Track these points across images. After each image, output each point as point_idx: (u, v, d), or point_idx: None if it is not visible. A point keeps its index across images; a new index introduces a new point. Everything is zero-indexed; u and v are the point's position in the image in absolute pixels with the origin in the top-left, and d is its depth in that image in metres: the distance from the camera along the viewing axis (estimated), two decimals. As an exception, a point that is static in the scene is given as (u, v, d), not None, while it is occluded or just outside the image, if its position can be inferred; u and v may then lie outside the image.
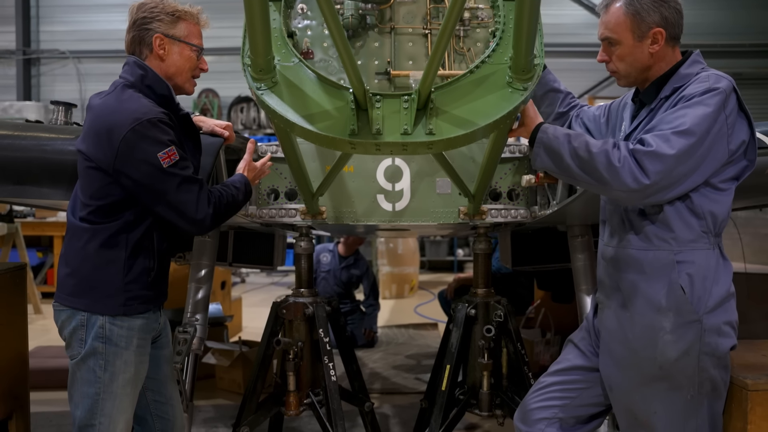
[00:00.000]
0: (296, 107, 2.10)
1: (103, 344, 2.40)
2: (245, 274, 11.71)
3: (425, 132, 2.07)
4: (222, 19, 12.11)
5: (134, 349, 2.46)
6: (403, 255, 9.93)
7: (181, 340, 3.36)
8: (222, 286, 6.90)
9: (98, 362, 2.40)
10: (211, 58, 12.88)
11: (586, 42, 12.17)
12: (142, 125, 2.30)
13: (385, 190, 3.42)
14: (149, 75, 2.47)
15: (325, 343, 3.44)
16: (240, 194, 2.61)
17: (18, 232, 8.06)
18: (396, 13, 3.59)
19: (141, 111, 2.34)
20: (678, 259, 2.26)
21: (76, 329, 2.42)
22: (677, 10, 2.32)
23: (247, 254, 4.61)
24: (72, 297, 2.43)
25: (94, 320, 2.40)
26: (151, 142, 2.31)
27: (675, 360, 2.26)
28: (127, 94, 2.42)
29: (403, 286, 9.97)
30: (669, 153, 2.11)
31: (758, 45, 12.69)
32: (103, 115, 2.39)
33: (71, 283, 2.44)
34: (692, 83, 2.24)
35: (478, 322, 3.52)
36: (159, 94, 2.48)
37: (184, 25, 2.56)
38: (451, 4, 1.81)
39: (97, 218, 2.41)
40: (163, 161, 2.31)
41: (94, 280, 2.41)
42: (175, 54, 2.54)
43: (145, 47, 2.50)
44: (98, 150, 2.36)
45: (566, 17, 12.63)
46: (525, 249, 4.54)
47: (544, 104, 3.00)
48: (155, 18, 2.49)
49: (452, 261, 12.45)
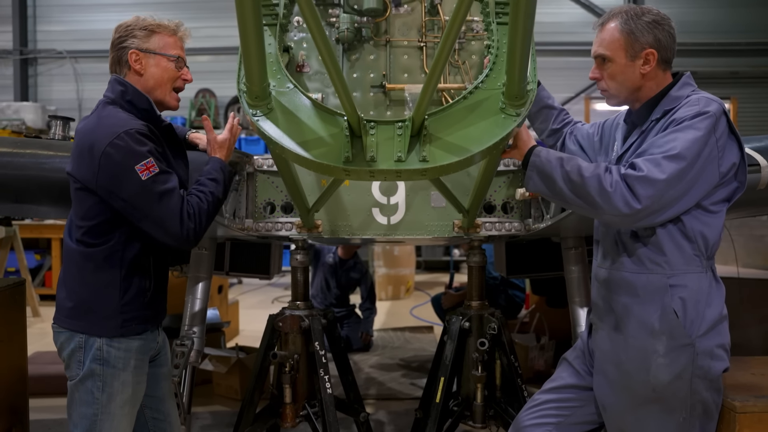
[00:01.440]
0: (291, 133, 2.12)
1: (100, 366, 2.42)
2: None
3: (419, 159, 2.09)
4: (218, 19, 12.28)
5: (131, 370, 2.48)
6: (399, 256, 9.96)
7: (178, 353, 3.38)
8: (219, 290, 6.92)
9: (96, 384, 2.43)
10: (207, 57, 12.99)
11: (584, 41, 12.17)
12: (119, 138, 2.31)
13: (381, 203, 3.45)
14: (129, 90, 2.49)
15: (321, 356, 3.46)
16: (220, 187, 2.57)
17: (16, 235, 8.07)
18: (391, 26, 3.61)
19: (118, 125, 2.35)
20: (671, 283, 2.29)
21: (74, 351, 2.44)
22: (671, 35, 2.36)
23: (244, 263, 4.64)
24: (70, 319, 2.45)
25: (92, 342, 2.42)
26: (128, 154, 2.31)
27: (668, 383, 2.29)
28: (107, 110, 2.45)
29: (399, 288, 10.00)
30: (660, 178, 2.14)
31: (756, 43, 12.72)
32: (85, 134, 2.41)
33: (69, 305, 2.46)
34: (683, 106, 2.27)
35: (472, 335, 3.55)
36: (140, 109, 2.50)
37: (158, 37, 2.55)
38: (446, 32, 1.82)
39: (90, 239, 2.43)
40: (141, 173, 2.30)
41: (91, 303, 2.43)
42: (152, 66, 2.53)
43: (123, 65, 2.53)
44: (82, 169, 2.39)
45: (564, 15, 12.65)
46: (519, 258, 4.57)
47: (538, 120, 3.03)
48: (129, 35, 2.52)
49: (448, 261, 12.46)
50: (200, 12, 12.54)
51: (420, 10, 3.60)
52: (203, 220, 2.45)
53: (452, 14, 1.68)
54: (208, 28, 12.49)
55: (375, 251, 10.08)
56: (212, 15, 12.49)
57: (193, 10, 12.49)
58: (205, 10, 12.51)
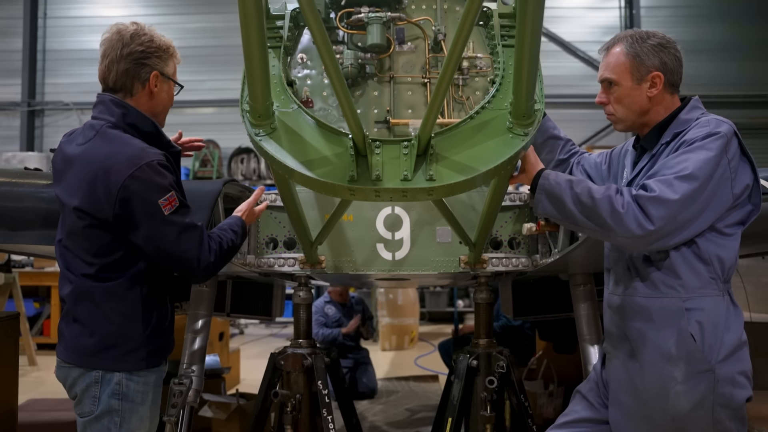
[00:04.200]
0: (295, 153, 2.08)
1: (119, 401, 2.31)
2: (244, 326, 11.58)
3: (425, 178, 2.05)
4: (222, 71, 12.45)
5: (149, 404, 2.39)
6: (402, 306, 9.82)
7: (176, 392, 3.27)
8: (220, 337, 6.81)
9: (113, 420, 2.31)
10: (212, 109, 13.14)
11: (584, 93, 12.35)
12: (141, 170, 2.21)
13: (385, 239, 3.39)
14: (131, 113, 2.35)
15: (324, 396, 3.35)
16: (238, 239, 2.56)
17: (15, 282, 7.99)
18: (395, 63, 3.62)
19: (137, 155, 2.24)
20: (687, 306, 2.21)
21: (89, 386, 2.32)
22: (677, 58, 2.33)
23: (246, 305, 4.54)
24: (89, 357, 2.32)
25: (110, 377, 2.31)
26: (151, 189, 2.22)
27: (688, 411, 2.19)
28: (115, 135, 2.30)
29: (403, 338, 9.83)
30: (673, 198, 2.09)
31: (753, 96, 12.91)
32: (94, 162, 2.26)
33: (88, 342, 2.32)
34: (693, 128, 2.23)
35: (480, 374, 3.44)
36: (144, 132, 2.37)
37: (173, 62, 2.49)
38: (451, 50, 1.81)
39: (106, 274, 2.31)
40: (164, 208, 2.23)
41: (115, 338, 2.32)
42: (164, 92, 2.46)
43: (137, 82, 2.39)
44: (94, 201, 2.25)
45: (564, 69, 12.83)
46: (527, 299, 4.48)
47: (545, 151, 2.99)
48: (153, 53, 2.39)
49: (452, 312, 12.32)
50: (205, 65, 12.72)
51: (423, 48, 3.63)
52: (221, 257, 2.42)
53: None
54: (213, 81, 12.70)
55: (379, 301, 9.96)
56: (217, 68, 12.67)
57: (198, 63, 12.67)
58: (209, 64, 12.69)
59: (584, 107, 12.27)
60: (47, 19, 13.69)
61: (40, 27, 13.69)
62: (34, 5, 13.58)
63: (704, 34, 12.85)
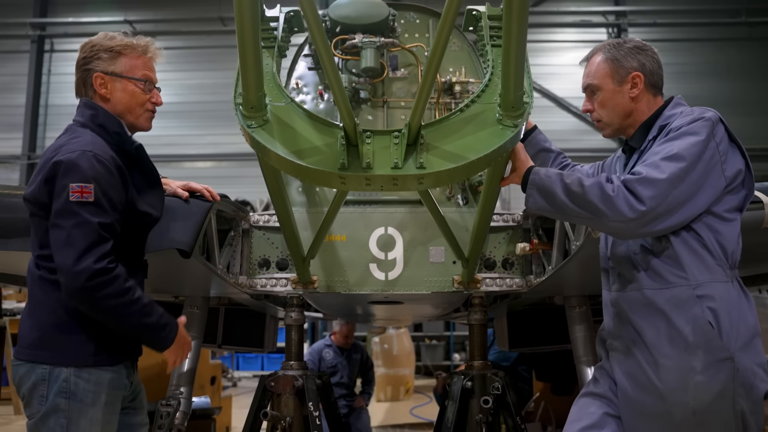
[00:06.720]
0: (286, 144, 2.10)
1: (66, 400, 2.14)
2: (237, 379, 11.39)
3: (416, 166, 2.06)
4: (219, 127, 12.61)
5: (102, 406, 2.19)
6: (398, 356, 9.69)
7: (163, 414, 3.20)
8: (212, 381, 6.68)
9: (59, 421, 2.13)
10: (211, 163, 13.27)
11: (578, 147, 12.55)
12: (73, 154, 2.14)
13: (378, 258, 3.37)
14: (100, 114, 2.32)
15: (315, 418, 3.27)
16: (152, 320, 2.21)
17: (6, 330, 7.86)
18: (388, 88, 3.70)
19: (79, 145, 2.18)
20: (698, 294, 2.16)
21: (36, 384, 2.16)
22: (655, 60, 2.40)
23: (237, 336, 4.49)
24: (33, 350, 2.18)
25: (57, 373, 2.15)
26: (71, 171, 2.12)
27: (709, 403, 2.11)
28: (78, 132, 2.27)
29: (398, 389, 9.66)
30: (660, 177, 2.09)
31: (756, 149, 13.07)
32: (47, 153, 2.23)
33: (34, 335, 2.19)
34: (678, 118, 2.26)
35: (475, 395, 3.37)
36: (112, 132, 2.31)
37: (125, 59, 2.37)
38: (438, 33, 1.85)
39: (49, 264, 2.18)
40: (72, 193, 2.10)
41: (60, 330, 2.18)
42: (119, 91, 2.35)
43: (88, 88, 2.34)
44: (35, 187, 2.20)
45: (557, 124, 13.08)
46: (522, 330, 4.43)
47: (536, 164, 3.01)
48: (94, 56, 2.34)
49: (448, 365, 12.14)
50: (203, 120, 12.92)
51: (416, 74, 3.70)
52: (109, 284, 2.10)
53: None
54: (211, 135, 12.86)
55: (374, 351, 9.82)
56: (214, 123, 12.86)
57: (197, 118, 12.88)
58: (208, 119, 12.88)
59: (578, 160, 12.36)
60: (51, 76, 13.98)
61: (43, 83, 13.97)
62: (39, 62, 13.88)
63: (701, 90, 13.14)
